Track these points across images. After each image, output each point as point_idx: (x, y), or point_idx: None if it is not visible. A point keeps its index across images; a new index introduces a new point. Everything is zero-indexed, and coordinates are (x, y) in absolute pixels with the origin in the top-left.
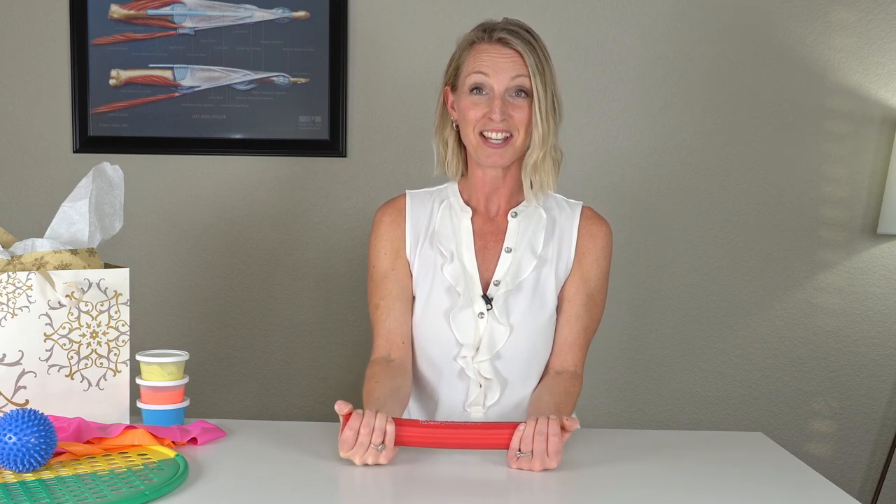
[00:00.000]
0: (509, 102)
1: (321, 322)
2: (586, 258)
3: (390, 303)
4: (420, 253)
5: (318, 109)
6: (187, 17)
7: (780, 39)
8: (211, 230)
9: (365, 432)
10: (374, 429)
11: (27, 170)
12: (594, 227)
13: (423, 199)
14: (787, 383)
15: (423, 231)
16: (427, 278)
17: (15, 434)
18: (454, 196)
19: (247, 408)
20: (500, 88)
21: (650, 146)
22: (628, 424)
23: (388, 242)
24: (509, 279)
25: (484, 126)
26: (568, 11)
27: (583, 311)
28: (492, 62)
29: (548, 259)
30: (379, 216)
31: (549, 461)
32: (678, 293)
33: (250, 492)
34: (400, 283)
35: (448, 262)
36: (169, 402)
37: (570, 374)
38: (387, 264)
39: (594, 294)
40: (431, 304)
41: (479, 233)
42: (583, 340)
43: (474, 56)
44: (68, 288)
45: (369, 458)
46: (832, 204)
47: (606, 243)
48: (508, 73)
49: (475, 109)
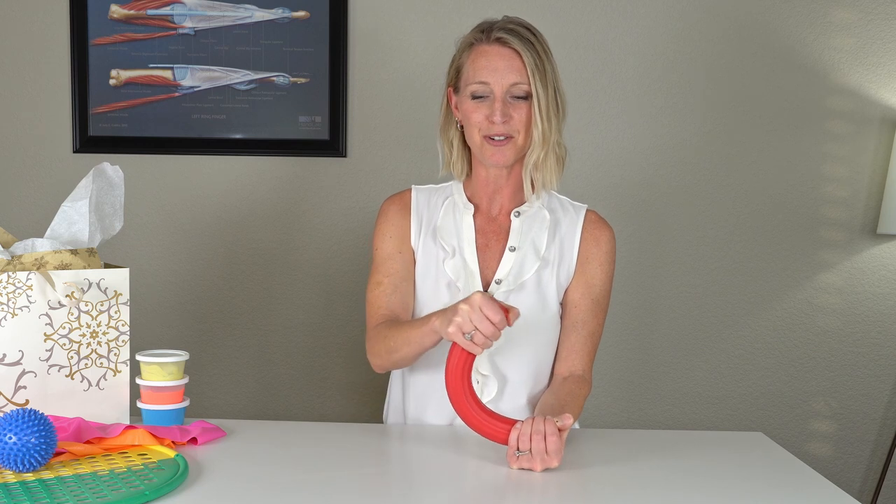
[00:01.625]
0: (510, 104)
1: (321, 322)
2: (590, 263)
3: (396, 281)
4: (423, 245)
5: (318, 109)
6: (187, 17)
7: (781, 39)
8: (211, 230)
9: (490, 328)
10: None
11: (27, 170)
12: (598, 232)
13: (428, 194)
14: (787, 383)
15: (427, 225)
16: (429, 272)
17: (15, 434)
18: (458, 193)
19: (247, 408)
20: (500, 91)
21: (650, 146)
22: (628, 424)
23: (396, 228)
24: (511, 278)
25: (488, 130)
26: (568, 11)
27: (589, 317)
28: (491, 67)
29: (549, 261)
30: (386, 205)
31: (550, 460)
32: (678, 293)
33: (250, 492)
34: (406, 266)
35: (449, 257)
36: (169, 402)
37: (577, 377)
38: (393, 247)
39: (599, 299)
40: (431, 298)
41: (480, 230)
42: (590, 346)
43: (473, 60)
44: (68, 288)
45: (466, 329)
46: (832, 204)
47: (610, 248)
48: (507, 78)
49: (477, 113)
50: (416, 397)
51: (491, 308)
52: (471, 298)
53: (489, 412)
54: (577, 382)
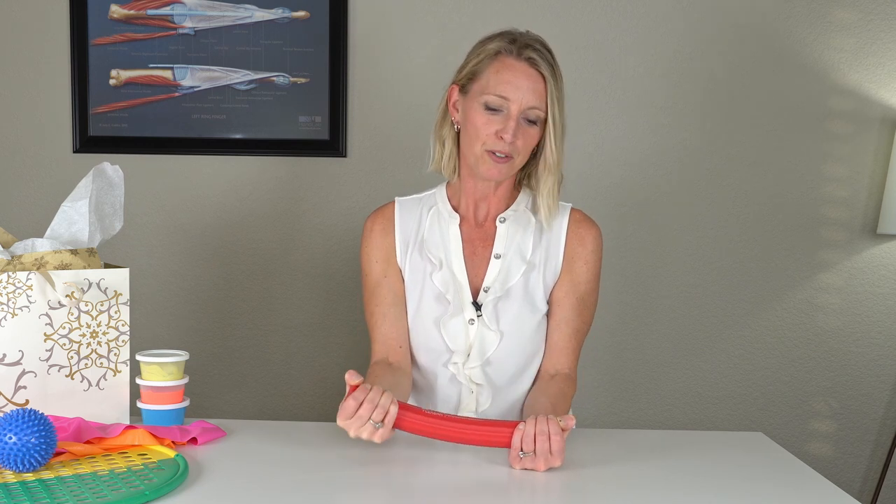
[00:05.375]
0: (521, 126)
1: (320, 322)
2: (575, 262)
3: (385, 309)
4: (410, 261)
5: (318, 109)
6: (187, 17)
7: (781, 39)
8: (211, 230)
9: (367, 407)
10: (377, 405)
11: (27, 170)
12: (582, 230)
13: (412, 206)
14: (787, 383)
15: (413, 239)
16: (417, 286)
17: (15, 434)
18: (442, 202)
19: (247, 408)
20: (517, 111)
21: (650, 146)
22: (628, 424)
23: (379, 251)
24: (498, 286)
25: (493, 145)
26: (568, 11)
27: (573, 315)
28: (515, 83)
29: (536, 264)
30: (369, 225)
31: (553, 460)
32: (678, 293)
33: (250, 492)
34: (393, 290)
35: (437, 269)
36: (169, 402)
37: (563, 376)
38: (379, 272)
39: (584, 297)
40: (422, 311)
41: (467, 239)
42: (574, 343)
43: (497, 71)
44: (68, 288)
45: (364, 433)
46: (832, 204)
47: (596, 246)
48: (527, 100)
49: (488, 126)
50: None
51: (342, 412)
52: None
53: (482, 423)
54: (564, 381)
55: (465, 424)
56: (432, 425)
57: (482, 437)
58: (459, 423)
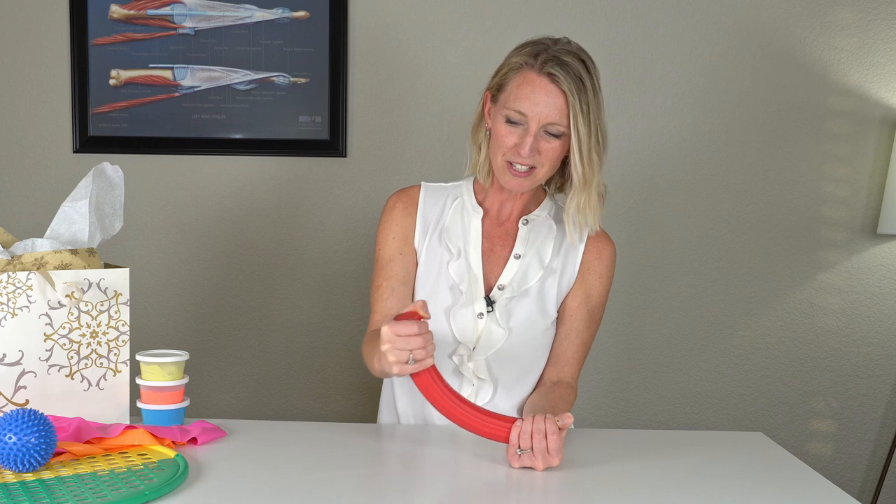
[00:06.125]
0: (542, 138)
1: (321, 322)
2: (590, 274)
3: (394, 284)
4: (427, 245)
5: (318, 109)
6: (187, 17)
7: (781, 39)
8: (211, 230)
9: (419, 341)
10: (425, 347)
11: (27, 170)
12: (601, 245)
13: (437, 193)
14: (787, 383)
15: (433, 225)
16: (432, 273)
17: (15, 434)
18: (468, 195)
19: (247, 408)
20: (535, 127)
21: (650, 146)
22: (628, 424)
23: (399, 228)
24: (515, 285)
25: (513, 157)
26: (568, 11)
27: (583, 327)
28: (533, 99)
29: (554, 270)
30: (392, 202)
31: (551, 459)
32: (678, 293)
33: (250, 492)
34: (406, 268)
35: (454, 259)
36: (169, 402)
37: (565, 384)
38: (394, 248)
39: (595, 310)
40: (433, 299)
41: (486, 235)
42: (581, 354)
43: (518, 85)
44: (68, 288)
45: (399, 357)
46: (833, 204)
47: (611, 262)
48: (545, 116)
49: (508, 138)
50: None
51: (403, 326)
52: (381, 334)
53: (485, 412)
54: (565, 388)
55: (469, 408)
56: (442, 395)
57: (481, 426)
58: (465, 404)
